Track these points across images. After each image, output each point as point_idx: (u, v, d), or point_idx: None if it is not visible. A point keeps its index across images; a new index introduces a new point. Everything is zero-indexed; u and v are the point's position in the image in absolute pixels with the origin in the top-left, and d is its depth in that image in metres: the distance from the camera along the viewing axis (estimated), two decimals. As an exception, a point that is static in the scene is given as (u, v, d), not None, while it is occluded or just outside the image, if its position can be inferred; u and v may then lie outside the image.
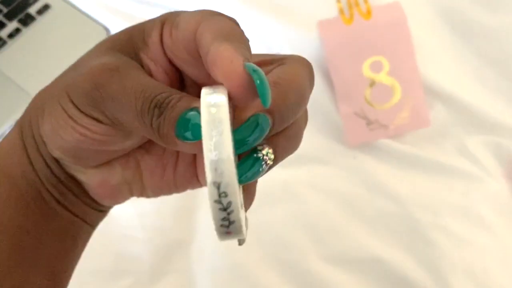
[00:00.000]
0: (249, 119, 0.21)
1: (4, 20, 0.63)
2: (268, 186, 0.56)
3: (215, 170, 0.19)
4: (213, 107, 0.20)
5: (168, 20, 0.25)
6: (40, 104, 0.26)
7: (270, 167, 0.23)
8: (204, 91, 0.21)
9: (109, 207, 0.30)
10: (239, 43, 0.21)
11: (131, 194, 0.29)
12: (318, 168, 0.57)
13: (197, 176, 0.28)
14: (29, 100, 0.60)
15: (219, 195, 0.19)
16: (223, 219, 0.20)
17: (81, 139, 0.24)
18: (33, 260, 0.27)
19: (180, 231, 0.54)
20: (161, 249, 0.53)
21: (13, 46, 0.62)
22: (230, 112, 0.20)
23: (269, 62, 0.24)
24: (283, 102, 0.22)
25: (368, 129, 0.57)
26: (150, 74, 0.26)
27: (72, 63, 0.26)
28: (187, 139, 0.21)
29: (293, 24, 0.59)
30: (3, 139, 0.28)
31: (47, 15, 0.64)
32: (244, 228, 0.21)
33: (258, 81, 0.20)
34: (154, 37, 0.25)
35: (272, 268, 0.53)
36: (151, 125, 0.22)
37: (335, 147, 0.58)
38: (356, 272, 0.53)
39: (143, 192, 0.29)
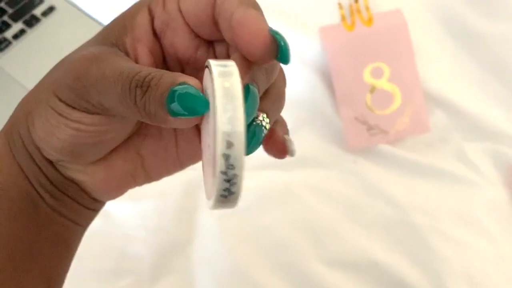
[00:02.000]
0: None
1: (9, 21, 0.64)
2: (269, 189, 0.56)
3: (227, 142, 0.20)
4: (227, 81, 0.20)
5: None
6: (27, 112, 0.26)
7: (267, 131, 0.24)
8: (214, 63, 0.21)
9: (103, 204, 0.30)
10: (261, 11, 0.23)
11: (135, 183, 0.29)
12: (319, 171, 0.57)
13: (201, 149, 0.28)
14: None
15: (227, 167, 0.20)
16: (225, 189, 0.21)
17: (76, 133, 0.25)
18: (27, 267, 0.27)
19: (181, 232, 0.54)
20: (162, 249, 0.54)
21: (18, 46, 0.63)
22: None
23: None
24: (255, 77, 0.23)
25: (368, 134, 0.58)
26: (135, 56, 0.26)
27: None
28: (180, 115, 0.21)
29: (296, 30, 0.60)
30: None
31: (52, 16, 0.65)
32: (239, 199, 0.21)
33: (282, 42, 0.21)
34: (140, 19, 0.25)
35: (271, 270, 0.53)
36: (136, 105, 0.22)
37: (335, 151, 0.58)
38: (354, 275, 0.53)
39: (147, 178, 0.29)
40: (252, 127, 0.23)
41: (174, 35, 0.26)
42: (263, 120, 0.23)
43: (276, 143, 0.25)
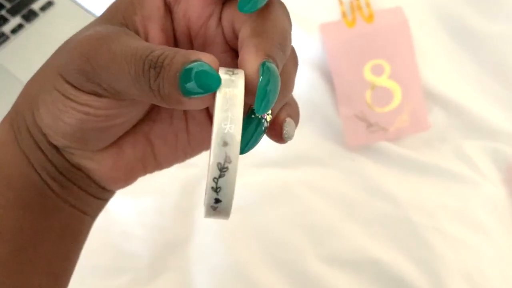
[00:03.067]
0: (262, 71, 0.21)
1: (7, 16, 0.64)
2: (268, 186, 0.56)
3: (224, 144, 0.20)
4: (230, 91, 0.20)
5: None
6: (31, 97, 0.25)
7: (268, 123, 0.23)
8: (222, 71, 0.21)
9: (113, 194, 0.29)
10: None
11: (144, 171, 0.28)
12: (317, 169, 0.57)
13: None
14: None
15: (216, 185, 0.20)
16: (215, 201, 0.20)
17: (85, 118, 0.24)
18: (33, 261, 0.26)
19: (179, 229, 0.54)
20: (160, 246, 0.53)
21: (16, 41, 0.62)
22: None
23: None
24: (270, 47, 0.22)
25: (368, 131, 0.57)
26: (146, 35, 0.25)
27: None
28: (193, 93, 0.20)
29: (296, 26, 0.59)
30: None
31: (51, 11, 0.64)
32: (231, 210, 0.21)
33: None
34: None
35: (270, 268, 0.53)
36: (150, 87, 0.21)
37: (334, 149, 0.58)
38: (353, 273, 0.53)
39: (157, 165, 0.28)
40: (253, 121, 0.22)
41: (188, 2, 0.25)
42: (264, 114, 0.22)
43: (274, 125, 0.24)
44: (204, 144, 0.28)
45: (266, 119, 0.22)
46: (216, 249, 0.53)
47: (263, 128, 0.22)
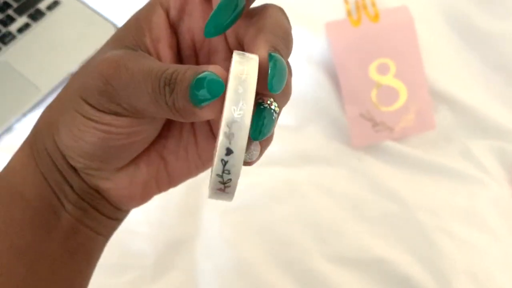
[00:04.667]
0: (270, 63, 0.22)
1: (14, 15, 0.64)
2: (273, 185, 0.56)
3: (228, 135, 0.20)
4: (243, 71, 0.21)
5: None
6: (51, 121, 0.26)
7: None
8: (236, 52, 0.22)
9: (126, 214, 0.30)
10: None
11: (158, 189, 0.29)
12: (323, 168, 0.57)
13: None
14: (37, 93, 0.61)
15: (224, 167, 0.20)
16: (220, 177, 0.21)
17: (106, 136, 0.25)
18: (48, 280, 0.27)
19: (184, 228, 0.54)
20: (165, 245, 0.54)
21: (22, 40, 0.63)
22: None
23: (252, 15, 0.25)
24: (276, 40, 0.23)
25: (373, 130, 0.57)
26: (157, 55, 0.26)
27: (80, 58, 0.27)
28: (203, 100, 0.21)
29: (301, 25, 0.60)
30: (12, 160, 0.27)
31: (57, 11, 0.65)
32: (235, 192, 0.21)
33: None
34: (156, 18, 0.26)
35: (275, 266, 0.53)
36: (167, 104, 0.22)
37: (340, 148, 0.58)
38: (358, 272, 0.53)
39: (170, 182, 0.29)
40: (263, 112, 0.22)
41: (191, 18, 0.27)
42: (271, 104, 0.23)
43: None
44: (211, 156, 0.29)
45: (275, 110, 0.22)
46: (221, 247, 0.53)
47: (273, 117, 0.22)
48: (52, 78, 0.60)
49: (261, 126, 0.22)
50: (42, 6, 0.65)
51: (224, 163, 0.20)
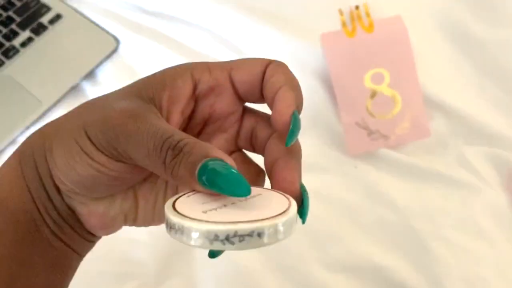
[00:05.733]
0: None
1: (17, 29, 0.65)
2: (271, 193, 0.57)
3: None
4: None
5: (210, 67, 0.29)
6: (45, 137, 0.27)
7: None
8: None
9: (99, 238, 0.32)
10: (298, 92, 0.27)
11: (124, 223, 0.31)
12: (320, 176, 0.58)
13: None
14: (40, 106, 0.62)
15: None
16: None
17: (97, 175, 0.26)
18: None
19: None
20: (165, 253, 0.54)
21: (25, 54, 0.64)
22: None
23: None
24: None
25: (369, 139, 0.58)
26: (168, 114, 0.28)
27: (83, 72, 0.28)
28: (212, 187, 0.23)
29: (297, 36, 0.61)
30: (0, 169, 0.28)
31: (59, 24, 0.66)
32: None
33: (291, 131, 0.26)
34: (181, 82, 0.28)
35: (273, 274, 0.54)
36: (164, 163, 0.24)
37: (336, 156, 0.59)
38: (355, 279, 0.54)
39: (135, 221, 0.31)
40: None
41: (218, 98, 0.29)
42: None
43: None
44: None
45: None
46: (221, 255, 0.54)
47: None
48: (55, 91, 0.62)
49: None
50: (44, 20, 0.66)
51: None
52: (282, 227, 0.21)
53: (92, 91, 0.62)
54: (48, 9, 0.67)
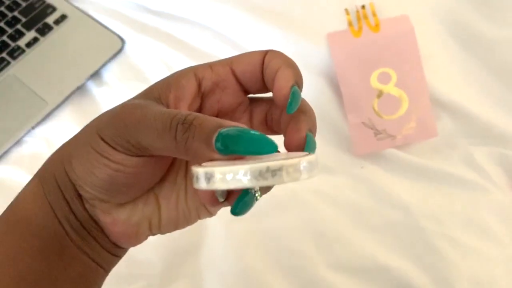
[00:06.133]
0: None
1: (23, 30, 0.65)
2: (276, 194, 0.57)
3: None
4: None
5: (212, 65, 0.30)
6: (63, 155, 0.28)
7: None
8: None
9: (124, 252, 0.32)
10: (296, 70, 0.28)
11: (150, 231, 0.31)
12: (326, 177, 0.58)
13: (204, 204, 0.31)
14: (45, 106, 0.62)
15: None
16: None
17: (115, 174, 0.27)
18: None
19: (190, 237, 0.55)
20: (172, 254, 0.54)
21: (31, 54, 0.64)
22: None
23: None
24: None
25: (375, 139, 0.58)
26: (175, 109, 0.28)
27: (88, 72, 0.29)
28: (228, 152, 0.24)
29: (303, 36, 0.61)
30: (22, 191, 0.29)
31: (64, 25, 0.66)
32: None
33: (290, 100, 0.27)
34: (185, 82, 0.29)
35: (280, 275, 0.53)
36: (175, 139, 0.24)
37: (343, 157, 0.59)
38: (362, 280, 0.53)
39: (160, 226, 0.31)
40: (248, 194, 0.27)
41: (223, 92, 0.30)
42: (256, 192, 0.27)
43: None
44: (197, 209, 0.31)
45: (257, 196, 0.26)
46: (227, 256, 0.54)
47: (255, 198, 0.27)
48: (60, 91, 0.62)
49: (241, 208, 0.26)
50: (50, 20, 0.66)
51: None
52: (307, 164, 0.23)
53: (97, 91, 0.62)
54: (53, 9, 0.67)
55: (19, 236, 0.28)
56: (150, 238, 0.54)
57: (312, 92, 0.59)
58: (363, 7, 0.61)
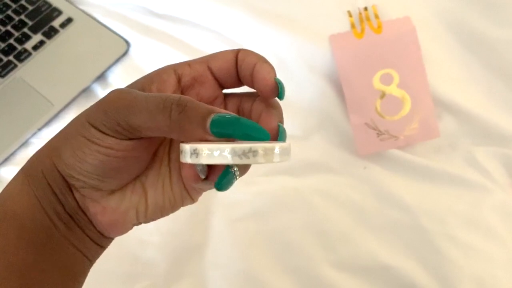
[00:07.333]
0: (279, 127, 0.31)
1: (29, 33, 0.66)
2: (280, 194, 0.57)
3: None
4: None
5: (192, 63, 0.33)
6: (51, 149, 0.29)
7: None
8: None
9: (109, 242, 0.33)
10: (271, 65, 0.31)
11: (136, 219, 0.32)
12: (329, 177, 0.58)
13: (187, 191, 0.33)
14: (52, 108, 0.62)
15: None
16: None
17: (106, 159, 0.28)
18: None
19: (194, 236, 0.56)
20: (176, 253, 0.55)
21: (37, 57, 0.65)
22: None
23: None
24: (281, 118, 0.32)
25: (378, 139, 0.58)
26: None
27: (94, 74, 0.30)
28: (222, 135, 0.26)
29: (306, 37, 0.61)
30: (7, 187, 0.30)
31: (70, 28, 0.67)
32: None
33: (281, 88, 0.30)
34: (166, 77, 0.32)
35: (283, 274, 0.54)
36: (169, 118, 0.26)
37: (346, 157, 0.59)
38: (364, 279, 0.54)
39: (146, 214, 0.32)
40: (229, 172, 0.29)
41: (201, 86, 0.33)
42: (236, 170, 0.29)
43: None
44: (181, 195, 0.33)
45: (236, 175, 0.29)
46: (231, 255, 0.54)
47: (235, 177, 0.29)
48: (66, 94, 0.62)
49: (223, 183, 0.29)
50: (56, 23, 0.67)
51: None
52: (281, 149, 0.27)
53: (103, 93, 0.63)
54: (59, 12, 0.68)
55: (7, 229, 0.29)
56: (155, 238, 0.55)
57: (315, 93, 0.60)
58: (365, 9, 0.61)
